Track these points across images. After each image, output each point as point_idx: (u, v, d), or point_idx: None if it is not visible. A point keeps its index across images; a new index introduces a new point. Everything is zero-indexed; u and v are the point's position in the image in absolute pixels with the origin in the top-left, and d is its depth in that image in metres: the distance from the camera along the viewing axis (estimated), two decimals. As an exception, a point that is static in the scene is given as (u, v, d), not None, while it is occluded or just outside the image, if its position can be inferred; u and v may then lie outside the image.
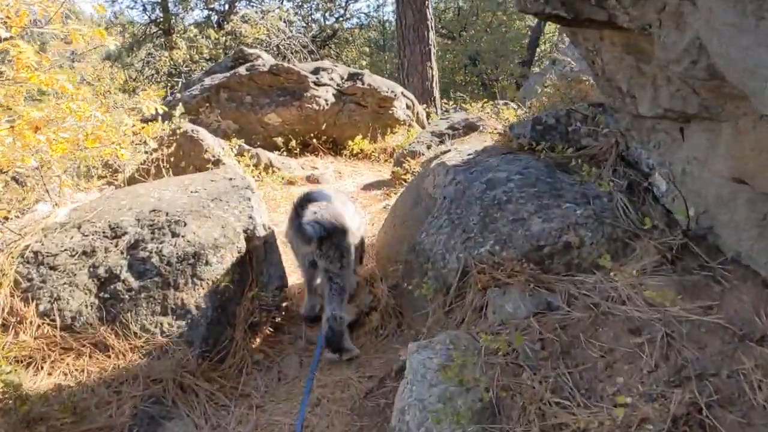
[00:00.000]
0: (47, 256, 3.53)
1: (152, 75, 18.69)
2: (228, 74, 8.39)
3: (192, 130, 5.48)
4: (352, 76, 8.66)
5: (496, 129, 5.49)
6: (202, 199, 4.07)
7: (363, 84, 8.52)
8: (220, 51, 18.09)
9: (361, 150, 8.44)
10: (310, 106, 8.22)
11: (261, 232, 3.83)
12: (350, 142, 8.41)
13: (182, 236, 3.62)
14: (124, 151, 4.73)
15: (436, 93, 13.91)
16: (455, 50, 26.28)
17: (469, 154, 4.11)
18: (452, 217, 3.36)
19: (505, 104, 12.10)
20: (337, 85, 8.55)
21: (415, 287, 3.26)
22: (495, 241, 3.00)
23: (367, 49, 23.06)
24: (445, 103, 15.19)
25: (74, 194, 4.92)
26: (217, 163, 5.29)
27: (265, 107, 8.20)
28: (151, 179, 5.17)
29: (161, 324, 3.30)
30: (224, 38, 18.11)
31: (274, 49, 18.09)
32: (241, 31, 18.08)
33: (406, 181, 6.37)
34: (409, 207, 4.12)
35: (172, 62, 17.87)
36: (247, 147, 7.18)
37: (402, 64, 14.01)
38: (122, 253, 3.57)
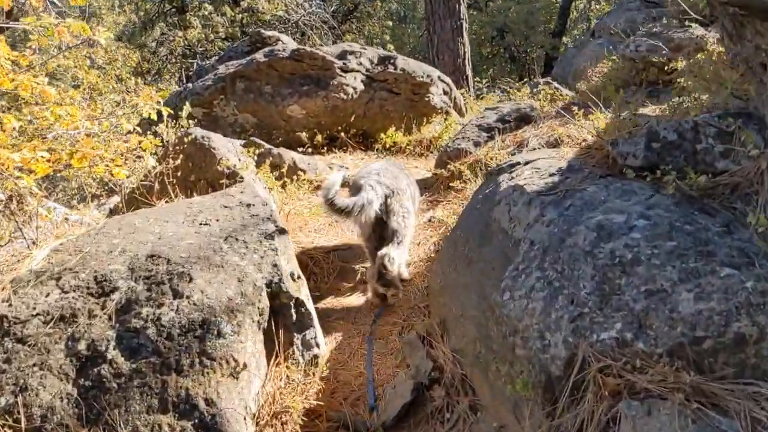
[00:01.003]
0: (15, 323, 2.72)
1: (167, 56, 17.84)
2: (244, 61, 7.48)
3: (202, 137, 4.60)
4: (383, 60, 7.71)
5: (573, 137, 4.54)
6: (213, 237, 3.21)
7: (396, 69, 7.57)
8: (237, 29, 17.18)
9: (394, 143, 7.53)
10: (337, 95, 7.31)
11: (289, 286, 2.96)
12: (382, 135, 7.51)
13: (187, 296, 2.77)
14: (119, 169, 3.92)
15: (469, 71, 12.91)
16: (482, 21, 25.05)
17: (551, 174, 3.19)
18: (548, 276, 2.46)
19: (547, 83, 11.09)
20: (367, 70, 7.61)
21: (499, 375, 2.39)
22: (624, 323, 2.09)
23: (390, 23, 21.93)
24: (478, 82, 14.19)
25: (63, 218, 4.10)
26: (232, 176, 4.42)
27: (287, 98, 7.29)
28: (154, 198, 4.32)
29: (159, 426, 2.46)
30: (240, 15, 17.17)
31: (293, 26, 17.14)
32: (258, 7, 17.11)
33: (452, 188, 5.47)
34: (476, 242, 3.22)
35: (186, 42, 16.98)
36: (267, 146, 6.30)
37: (431, 41, 13.00)
38: (110, 318, 2.74)
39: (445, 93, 8.16)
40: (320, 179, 6.16)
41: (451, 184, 5.43)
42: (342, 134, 7.39)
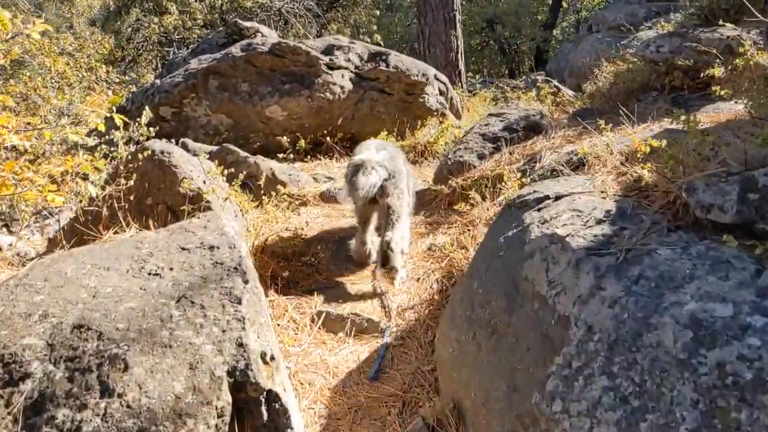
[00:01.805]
0: None
1: (141, 43, 16.88)
2: (219, 55, 6.69)
3: (162, 152, 3.84)
4: (374, 57, 6.95)
5: (602, 158, 3.84)
6: (163, 297, 2.47)
7: (388, 66, 6.82)
8: (216, 16, 16.30)
9: (392, 149, 6.80)
10: (322, 95, 6.55)
11: (259, 375, 2.22)
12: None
13: (119, 395, 2.03)
14: (54, 195, 3.18)
15: (462, 66, 12.18)
16: (471, 12, 24.31)
17: (598, 220, 2.48)
18: (621, 388, 1.75)
19: (546, 80, 10.39)
20: (356, 67, 6.85)
21: None
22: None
23: (378, 12, 21.07)
24: (470, 77, 13.47)
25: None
26: (197, 200, 3.67)
27: (267, 98, 6.52)
28: (101, 228, 3.56)
29: None
30: (220, 2, 16.27)
31: (276, 13, 16.27)
32: (238, -7, 16.21)
33: (455, 209, 4.75)
34: (501, 305, 2.51)
35: (162, 29, 16.04)
36: (242, 154, 5.54)
37: (422, 33, 12.24)
38: (15, 421, 2.01)
39: (441, 93, 7.43)
40: (303, 194, 5.43)
41: (454, 207, 4.71)
42: (328, 139, 6.65)
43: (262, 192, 5.34)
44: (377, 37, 16.42)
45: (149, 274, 2.70)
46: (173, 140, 5.54)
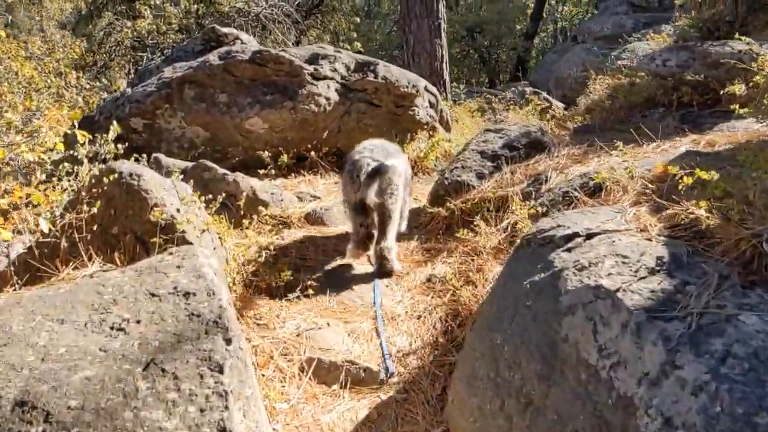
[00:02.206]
0: None
1: (114, 48, 16.26)
2: (195, 63, 6.23)
3: (131, 175, 3.37)
4: (362, 67, 6.53)
5: (627, 187, 3.47)
6: (128, 361, 2.03)
7: (376, 77, 6.40)
8: (192, 21, 15.76)
9: (373, 164, 6.39)
10: (306, 107, 6.12)
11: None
12: (360, 154, 6.36)
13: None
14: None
15: (446, 75, 11.82)
16: (451, 20, 24.06)
17: (651, 269, 2.08)
18: None
19: (535, 92, 10.08)
20: (342, 78, 6.42)
21: None
22: None
23: (358, 19, 20.67)
24: (455, 87, 13.14)
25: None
26: (170, 230, 3.21)
27: (247, 109, 6.07)
28: (59, 263, 3.09)
29: None
30: (196, 6, 15.75)
31: (254, 19, 15.78)
32: (216, -3, 15.70)
33: (454, 235, 4.34)
34: (536, 370, 2.10)
35: (135, 33, 15.46)
36: (220, 171, 5.09)
37: (407, 41, 11.87)
38: None
39: (432, 105, 7.04)
40: (286, 215, 4.99)
41: (455, 233, 4.30)
42: (312, 153, 6.21)
43: (242, 213, 4.90)
44: (357, 45, 16.04)
45: (112, 328, 2.25)
46: (144, 156, 5.11)
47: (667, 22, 11.18)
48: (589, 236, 2.57)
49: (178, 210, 3.30)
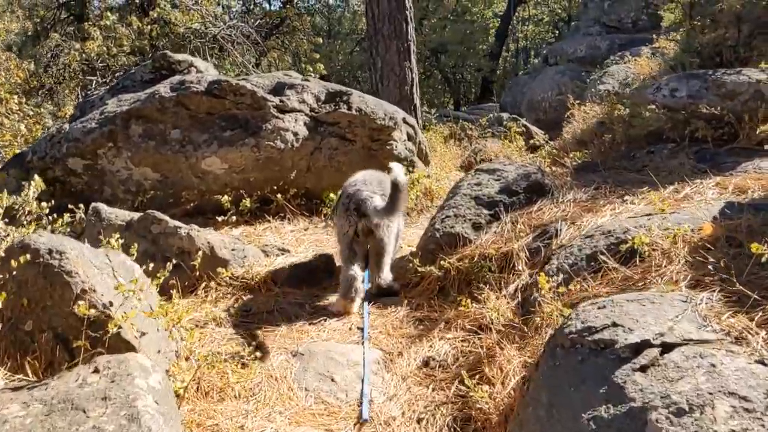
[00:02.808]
0: None
1: (61, 71, 15.27)
2: (144, 95, 5.45)
3: (51, 252, 2.60)
4: (334, 97, 5.83)
5: (671, 254, 2.84)
6: None
7: (350, 108, 5.71)
8: (146, 42, 14.88)
9: (347, 206, 5.69)
10: (271, 143, 5.39)
11: None
12: (332, 195, 5.66)
13: None
14: None
15: (417, 100, 11.22)
16: (416, 41, 23.60)
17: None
18: None
19: (514, 119, 9.54)
20: (312, 110, 5.71)
21: None
22: None
23: (320, 40, 20.01)
24: (426, 112, 12.53)
25: None
26: (101, 326, 2.45)
27: (202, 147, 5.32)
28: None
29: None
30: (150, 27, 14.88)
31: (211, 40, 14.99)
32: (170, 18, 14.86)
33: (451, 300, 3.66)
34: None
35: (84, 56, 14.50)
36: (171, 223, 4.33)
37: (374, 65, 11.23)
38: None
39: (410, 138, 6.38)
40: (250, 276, 4.26)
41: (451, 299, 3.62)
42: (278, 196, 5.47)
43: (198, 275, 4.15)
44: (320, 67, 15.38)
45: None
46: (82, 206, 4.35)
47: (644, 43, 10.75)
48: (667, 347, 1.91)
49: (111, 302, 2.53)
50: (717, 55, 5.94)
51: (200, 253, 3.99)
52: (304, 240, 5.23)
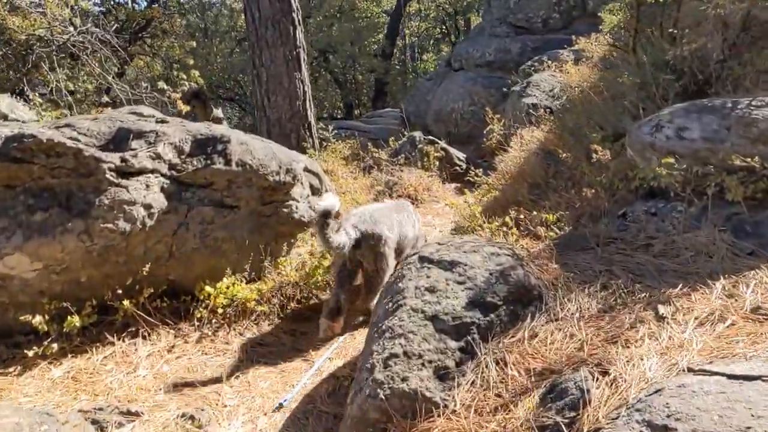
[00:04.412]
0: None
1: None
2: None
3: None
4: (204, 147, 4.01)
5: None
6: None
7: (229, 162, 3.95)
8: (-25, 54, 12.26)
9: (231, 301, 3.96)
10: (110, 225, 3.55)
11: None
12: (207, 288, 3.91)
13: None
14: None
15: (311, 116, 9.57)
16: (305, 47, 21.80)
17: None
18: None
19: (431, 141, 8.13)
20: (172, 168, 3.90)
21: None
22: None
23: (194, 43, 17.74)
24: (322, 129, 10.80)
25: None
26: None
27: (0, 240, 3.42)
28: None
29: None
30: (-20, 34, 12.27)
31: (60, 49, 12.57)
32: (7, 24, 12.32)
33: None
34: None
35: None
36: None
37: (258, 77, 9.45)
38: None
39: (315, 192, 4.71)
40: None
41: None
42: (126, 302, 3.64)
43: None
44: (195, 74, 13.26)
45: None
46: None
47: (561, 45, 9.57)
48: None
49: None
50: (700, 72, 4.66)
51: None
52: (174, 362, 3.48)
